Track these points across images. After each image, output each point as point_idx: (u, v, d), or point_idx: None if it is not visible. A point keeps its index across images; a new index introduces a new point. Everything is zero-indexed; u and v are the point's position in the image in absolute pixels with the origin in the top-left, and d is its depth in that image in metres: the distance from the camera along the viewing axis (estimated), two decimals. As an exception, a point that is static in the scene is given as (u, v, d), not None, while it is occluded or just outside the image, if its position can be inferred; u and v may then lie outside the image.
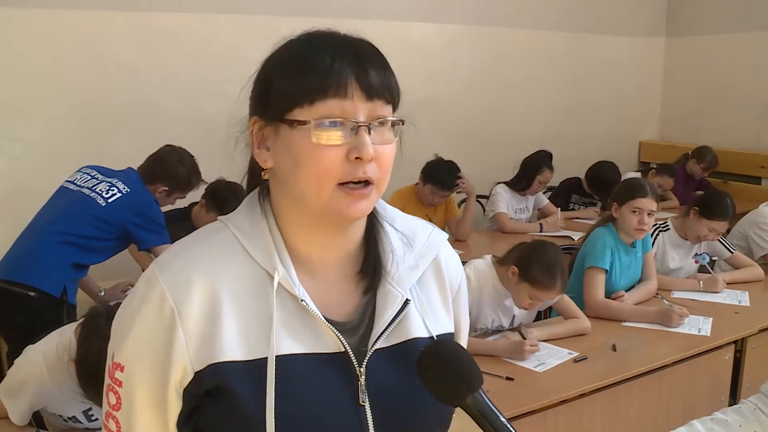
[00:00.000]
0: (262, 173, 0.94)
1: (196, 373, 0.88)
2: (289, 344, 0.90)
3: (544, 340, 2.65)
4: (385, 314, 0.96)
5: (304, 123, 0.87)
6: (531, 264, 2.54)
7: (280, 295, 0.91)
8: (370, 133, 0.88)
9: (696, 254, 3.56)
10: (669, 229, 3.54)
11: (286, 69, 0.90)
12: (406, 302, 0.97)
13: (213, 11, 4.43)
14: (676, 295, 3.27)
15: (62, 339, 1.98)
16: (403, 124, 0.94)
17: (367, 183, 0.89)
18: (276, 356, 0.88)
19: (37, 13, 3.92)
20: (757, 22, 5.81)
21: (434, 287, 1.04)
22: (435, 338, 0.99)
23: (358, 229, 0.98)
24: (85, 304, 3.06)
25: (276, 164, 0.92)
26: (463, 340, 1.11)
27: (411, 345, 0.97)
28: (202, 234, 0.98)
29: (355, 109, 0.88)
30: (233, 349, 0.88)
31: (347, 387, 0.92)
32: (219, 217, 0.98)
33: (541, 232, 4.48)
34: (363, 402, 0.92)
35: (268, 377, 0.87)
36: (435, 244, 1.05)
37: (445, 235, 1.08)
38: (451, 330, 1.06)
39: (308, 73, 0.88)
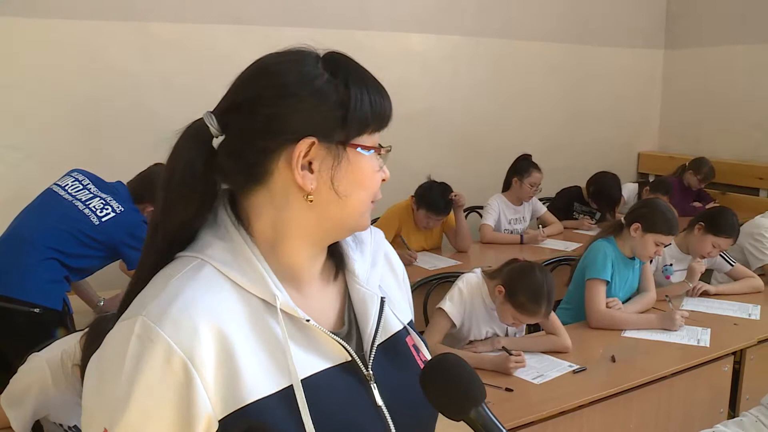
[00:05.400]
0: (308, 197, 0.90)
1: (220, 421, 0.82)
2: (305, 365, 0.90)
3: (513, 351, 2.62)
4: (370, 316, 0.99)
5: (378, 149, 0.94)
6: (517, 287, 2.53)
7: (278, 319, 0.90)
8: None
9: (664, 266, 3.56)
10: (670, 243, 3.54)
11: (365, 92, 0.92)
12: (383, 301, 1.02)
13: (212, 21, 4.44)
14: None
15: (67, 347, 1.99)
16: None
17: None
18: (300, 380, 0.88)
19: (37, 23, 3.93)
20: (755, 35, 5.84)
21: (391, 279, 1.11)
22: (407, 327, 1.06)
23: None
24: (83, 315, 3.06)
25: (324, 185, 0.90)
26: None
27: (396, 339, 1.03)
28: (183, 275, 0.88)
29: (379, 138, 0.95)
30: (258, 386, 0.85)
31: (364, 392, 0.95)
32: (191, 254, 0.91)
33: (521, 243, 4.51)
34: (380, 403, 0.94)
35: (299, 404, 0.85)
36: (380, 240, 1.12)
37: (380, 231, 1.14)
38: (412, 317, 1.12)
39: (384, 101, 0.94)
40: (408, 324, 1.06)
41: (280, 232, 0.93)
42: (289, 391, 0.86)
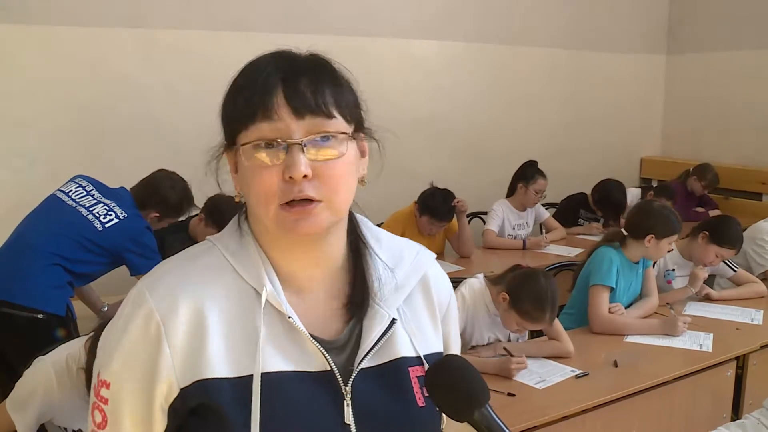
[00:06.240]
0: (235, 196, 0.97)
1: (181, 389, 0.88)
2: (276, 362, 0.90)
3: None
4: (371, 334, 0.96)
5: (239, 147, 0.90)
6: (521, 294, 2.54)
7: (267, 312, 0.92)
8: (304, 151, 0.87)
9: (666, 271, 3.57)
10: (672, 249, 3.54)
11: (229, 96, 0.93)
12: (393, 322, 0.98)
13: (216, 28, 4.46)
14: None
15: (72, 351, 2.00)
16: (353, 137, 0.93)
17: (310, 200, 0.87)
18: (262, 373, 0.89)
19: (41, 30, 3.95)
20: (756, 41, 5.85)
21: (422, 306, 1.05)
22: (422, 358, 1.00)
23: (335, 248, 0.98)
24: (87, 320, 3.07)
25: (241, 186, 0.94)
26: None
27: (398, 364, 0.98)
28: (191, 253, 0.98)
29: (287, 129, 0.87)
30: (220, 366, 0.88)
31: (333, 405, 0.92)
32: (208, 238, 1.00)
33: (524, 248, 4.52)
34: (348, 421, 0.92)
35: (253, 394, 0.87)
36: (422, 264, 1.06)
37: (433, 255, 1.09)
38: (440, 349, 1.06)
39: (240, 99, 0.90)
40: (428, 356, 1.00)
41: (256, 233, 0.97)
42: (248, 380, 0.88)
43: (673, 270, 3.56)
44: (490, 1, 5.62)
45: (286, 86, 0.88)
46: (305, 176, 0.86)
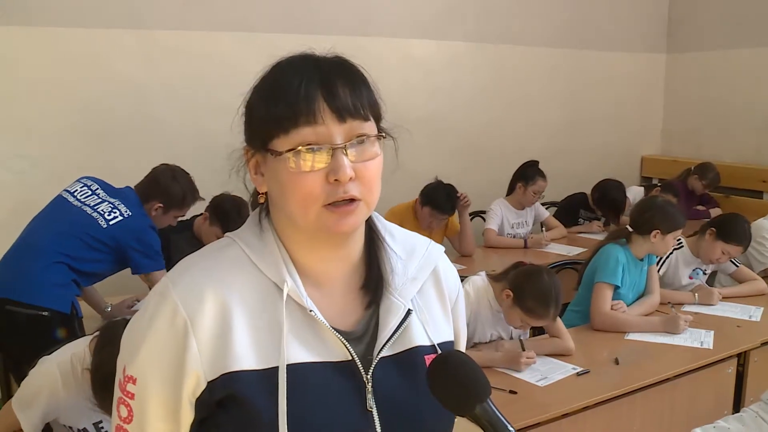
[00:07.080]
0: (259, 197, 0.99)
1: (209, 382, 0.90)
2: (299, 353, 0.93)
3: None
4: (388, 324, 0.99)
5: (280, 153, 0.90)
6: (525, 291, 2.55)
7: (288, 306, 0.94)
8: (347, 153, 0.90)
9: (693, 270, 3.58)
10: (683, 246, 3.56)
11: (260, 100, 0.94)
12: (408, 312, 1.01)
13: (215, 29, 4.47)
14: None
15: (77, 351, 2.01)
16: (384, 137, 0.96)
17: (352, 200, 0.91)
18: (287, 364, 0.91)
19: (41, 32, 3.97)
20: (756, 39, 5.85)
21: (434, 297, 1.09)
22: (436, 346, 1.03)
23: (357, 243, 1.02)
24: (92, 320, 3.08)
25: (269, 188, 0.97)
26: (462, 348, 1.15)
27: (414, 353, 1.01)
28: (212, 249, 1.01)
29: (329, 133, 0.90)
30: (246, 358, 0.91)
31: (355, 393, 0.95)
32: (227, 234, 1.02)
33: (525, 247, 4.53)
34: (370, 408, 0.95)
35: (279, 385, 0.90)
36: (433, 256, 1.09)
37: (442, 248, 1.12)
38: (451, 338, 1.10)
39: (278, 103, 0.91)
40: (441, 344, 1.04)
41: (279, 230, 0.99)
42: (274, 371, 0.91)
43: (700, 270, 3.57)
44: (490, 1, 5.62)
45: (325, 90, 0.90)
46: (350, 178, 0.90)
